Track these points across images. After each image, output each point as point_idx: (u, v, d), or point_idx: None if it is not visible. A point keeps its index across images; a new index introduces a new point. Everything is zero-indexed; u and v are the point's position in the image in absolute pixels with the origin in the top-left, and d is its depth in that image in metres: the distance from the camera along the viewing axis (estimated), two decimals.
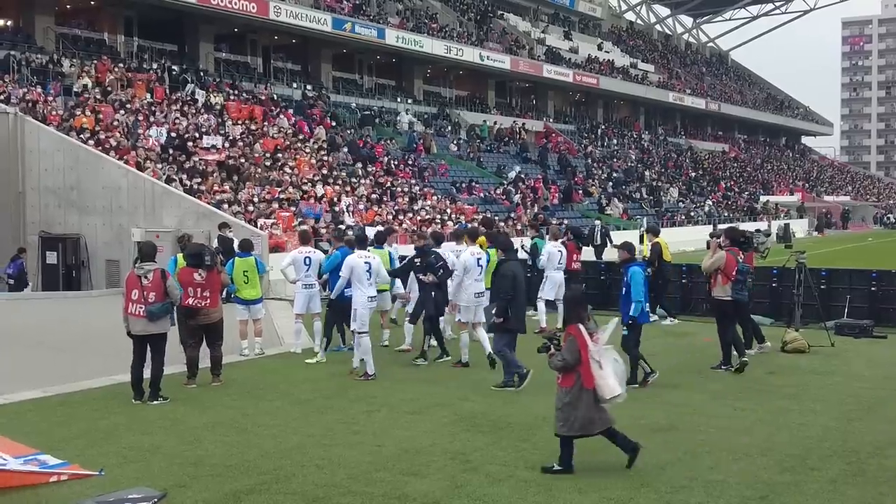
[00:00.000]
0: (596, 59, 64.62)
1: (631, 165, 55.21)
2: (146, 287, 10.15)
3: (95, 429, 9.08)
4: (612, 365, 7.60)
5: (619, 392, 7.57)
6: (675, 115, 74.42)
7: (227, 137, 29.93)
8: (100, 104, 27.65)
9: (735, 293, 11.74)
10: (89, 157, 23.05)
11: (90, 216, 22.76)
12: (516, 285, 10.81)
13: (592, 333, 7.59)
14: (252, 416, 9.59)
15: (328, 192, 29.02)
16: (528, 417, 9.49)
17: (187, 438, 8.67)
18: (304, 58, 45.75)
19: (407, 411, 9.82)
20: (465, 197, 36.43)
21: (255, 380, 11.66)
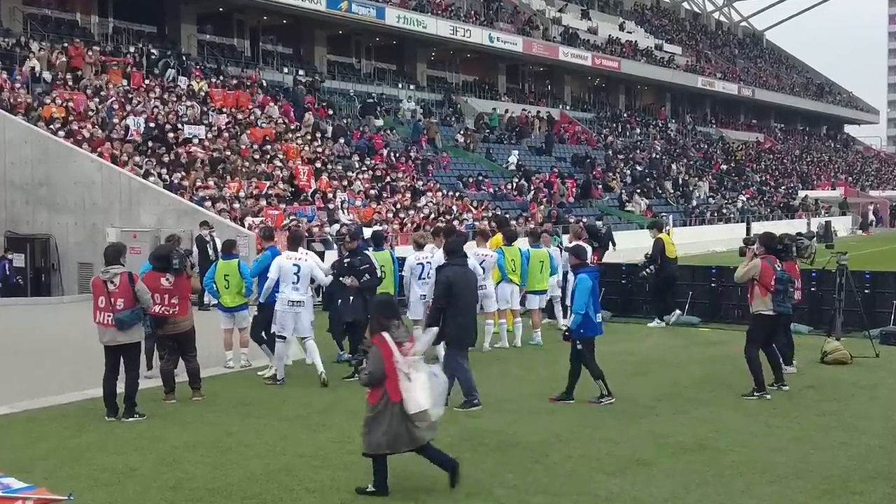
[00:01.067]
0: (617, 41, 64.58)
1: (656, 157, 55.15)
2: (113, 293, 10.13)
3: (65, 448, 9.08)
4: (427, 379, 7.57)
5: (425, 407, 7.50)
6: (704, 101, 74.34)
7: (212, 128, 29.98)
8: (72, 91, 27.71)
9: (777, 305, 11.58)
10: (60, 149, 23.08)
11: (61, 214, 22.78)
12: (453, 293, 10.55)
13: (401, 343, 7.59)
14: (237, 435, 9.58)
15: (323, 185, 29.04)
16: (541, 435, 9.47)
17: (165, 459, 8.67)
18: (296, 40, 45.82)
19: None
20: (473, 192, 36.45)
21: (241, 394, 11.65)
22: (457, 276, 10.71)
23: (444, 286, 10.67)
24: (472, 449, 9.02)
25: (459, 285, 10.66)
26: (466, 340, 10.86)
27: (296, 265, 12.23)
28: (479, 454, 8.87)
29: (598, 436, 9.50)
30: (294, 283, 12.18)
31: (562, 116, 55.67)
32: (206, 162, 27.26)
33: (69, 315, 18.57)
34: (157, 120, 28.37)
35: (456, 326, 10.58)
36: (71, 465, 8.47)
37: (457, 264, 10.96)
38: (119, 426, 10.00)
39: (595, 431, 9.68)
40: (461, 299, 10.64)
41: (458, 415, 10.35)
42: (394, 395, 7.52)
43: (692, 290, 18.57)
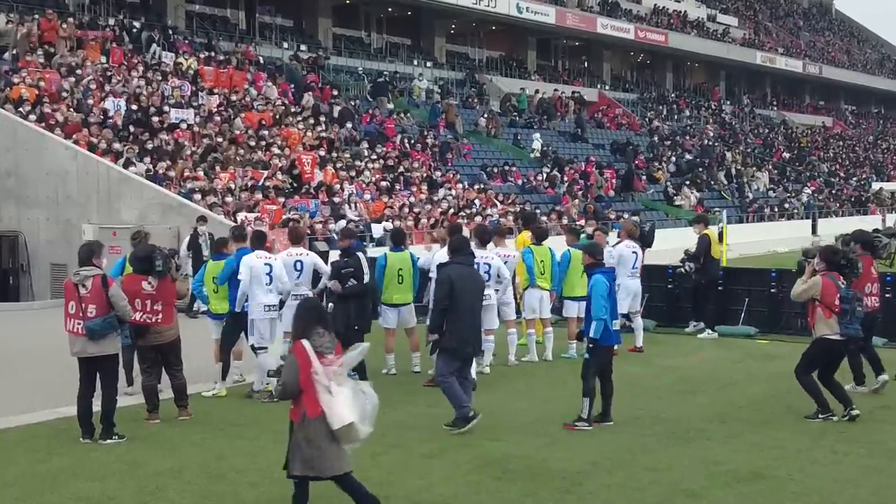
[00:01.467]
0: (664, 11, 64.41)
1: (708, 144, 54.97)
2: (84, 298, 10.18)
3: (34, 474, 9.15)
4: (352, 394, 7.63)
5: (349, 421, 7.53)
6: (764, 80, 74.04)
7: (201, 111, 30.10)
8: (43, 69, 27.88)
9: (844, 328, 11.46)
10: (30, 135, 23.26)
11: (31, 209, 22.97)
12: (454, 294, 10.63)
13: (323, 354, 7.65)
14: (228, 459, 9.64)
15: (328, 177, 29.10)
16: (573, 462, 9.47)
17: (148, 487, 8.72)
18: (296, 11, 45.97)
19: (422, 453, 9.85)
20: (498, 184, 36.44)
21: (233, 413, 11.71)
22: (460, 276, 10.77)
23: (446, 285, 10.71)
24: (496, 476, 9.04)
25: (461, 286, 10.68)
26: (463, 350, 10.79)
27: (267, 264, 12.39)
28: (504, 482, 8.89)
29: (639, 463, 9.50)
30: (267, 285, 12.31)
31: (600, 97, 55.56)
32: (195, 150, 27.36)
33: (40, 322, 18.71)
34: (140, 102, 28.49)
35: (454, 332, 10.62)
36: (41, 493, 8.53)
37: (460, 263, 11.01)
38: (95, 449, 10.07)
39: (636, 458, 9.67)
40: (461, 303, 10.65)
41: (481, 439, 10.37)
42: (310, 410, 7.60)
43: (748, 297, 18.48)
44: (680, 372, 14.49)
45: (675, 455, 9.79)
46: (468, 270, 11.01)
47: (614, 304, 11.17)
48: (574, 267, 15.43)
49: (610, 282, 11.07)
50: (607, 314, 10.85)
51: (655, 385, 13.56)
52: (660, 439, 10.41)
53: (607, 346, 11.09)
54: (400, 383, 13.38)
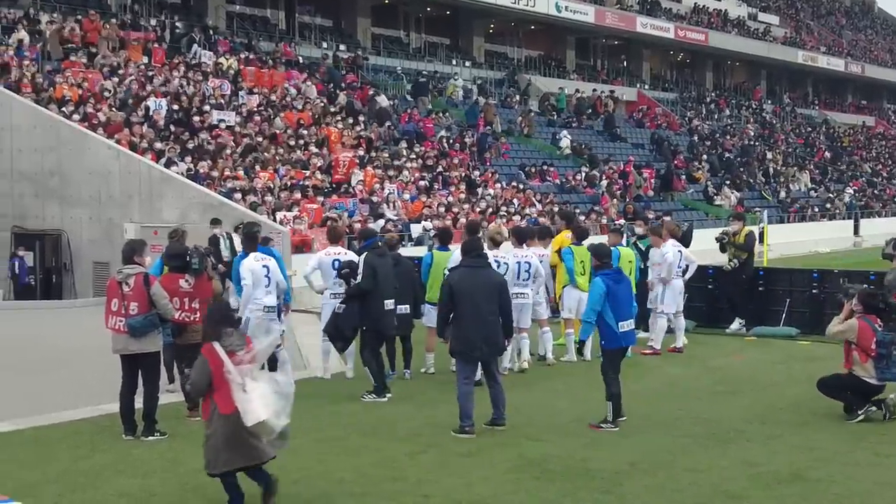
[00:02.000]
0: (704, 10, 64.03)
1: (748, 144, 54.60)
2: (127, 295, 10.28)
3: (76, 471, 9.24)
4: (268, 388, 7.89)
5: (264, 418, 7.75)
6: (805, 79, 73.36)
7: (241, 110, 30.29)
8: (86, 70, 28.17)
9: (881, 372, 11.27)
10: (73, 135, 23.48)
11: (74, 208, 23.19)
12: (455, 298, 10.57)
13: (234, 352, 7.96)
14: None
15: (367, 177, 29.18)
16: (613, 463, 9.45)
17: (189, 484, 8.79)
18: (335, 10, 46.11)
19: (459, 453, 9.85)
20: (537, 184, 36.39)
21: None
22: (462, 280, 10.65)
23: (445, 290, 10.72)
24: (535, 476, 9.04)
25: (464, 290, 10.55)
26: (473, 351, 10.63)
27: (265, 266, 12.51)
28: (543, 482, 8.88)
29: (679, 464, 9.46)
30: (266, 287, 12.42)
31: (639, 96, 55.32)
32: (235, 149, 27.54)
33: (83, 321, 18.87)
34: (181, 102, 28.72)
35: (458, 336, 10.59)
36: (84, 489, 8.62)
37: (468, 266, 10.87)
38: (137, 446, 10.16)
39: (676, 459, 9.63)
40: (466, 306, 10.53)
41: (519, 438, 10.37)
42: (222, 408, 7.88)
43: (790, 298, 18.35)
44: (720, 373, 14.43)
45: (714, 456, 9.73)
46: (472, 273, 10.74)
47: (623, 307, 10.94)
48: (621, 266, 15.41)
49: (613, 283, 10.93)
50: (594, 317, 10.80)
51: (695, 386, 13.50)
52: (700, 440, 10.35)
53: (616, 349, 10.97)
54: (438, 382, 13.41)
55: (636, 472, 9.20)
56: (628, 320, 11.02)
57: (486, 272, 10.89)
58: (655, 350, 15.75)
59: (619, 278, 11.22)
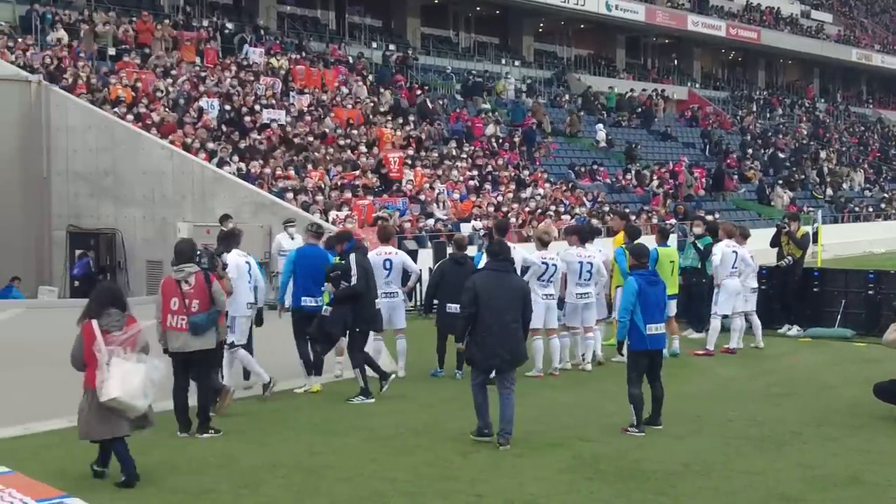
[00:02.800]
0: (756, 7, 63.46)
1: (802, 143, 54.04)
2: (188, 294, 10.40)
3: None
4: (131, 369, 8.56)
5: (114, 396, 8.42)
6: (859, 77, 72.47)
7: (292, 110, 30.48)
8: (139, 71, 28.47)
9: None
10: (127, 135, 23.73)
11: (128, 207, 23.44)
12: (479, 303, 10.06)
13: (108, 332, 8.63)
14: (321, 455, 9.75)
15: (417, 176, 29.24)
16: (667, 464, 9.40)
17: (244, 481, 8.87)
18: (385, 10, 46.24)
19: (513, 453, 9.84)
20: (587, 183, 36.25)
21: (325, 410, 11.84)
22: (487, 284, 10.19)
23: (469, 294, 10.19)
24: (588, 477, 9.02)
25: (488, 295, 10.08)
26: (493, 361, 10.13)
27: (247, 262, 12.53)
28: (596, 482, 8.87)
29: (734, 466, 9.39)
30: (249, 282, 12.42)
31: (690, 95, 54.94)
32: (286, 149, 27.72)
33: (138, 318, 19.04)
34: (233, 102, 28.95)
35: (478, 343, 10.11)
36: (140, 486, 8.71)
37: (494, 269, 10.45)
38: (192, 443, 10.26)
39: (731, 461, 9.56)
40: (489, 311, 10.05)
41: (571, 439, 10.35)
42: (89, 383, 8.64)
43: (845, 299, 18.13)
44: (774, 374, 14.31)
45: (770, 458, 9.65)
46: (498, 277, 10.36)
47: (653, 309, 10.75)
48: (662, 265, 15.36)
49: (645, 284, 10.79)
50: (627, 316, 10.67)
51: (749, 387, 13.40)
52: (754, 442, 10.27)
53: (642, 351, 10.78)
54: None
55: (690, 473, 9.15)
56: (657, 323, 10.82)
57: (510, 277, 10.56)
58: (708, 351, 15.64)
59: (653, 280, 11.06)
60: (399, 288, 13.95)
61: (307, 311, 12.76)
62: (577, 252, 14.25)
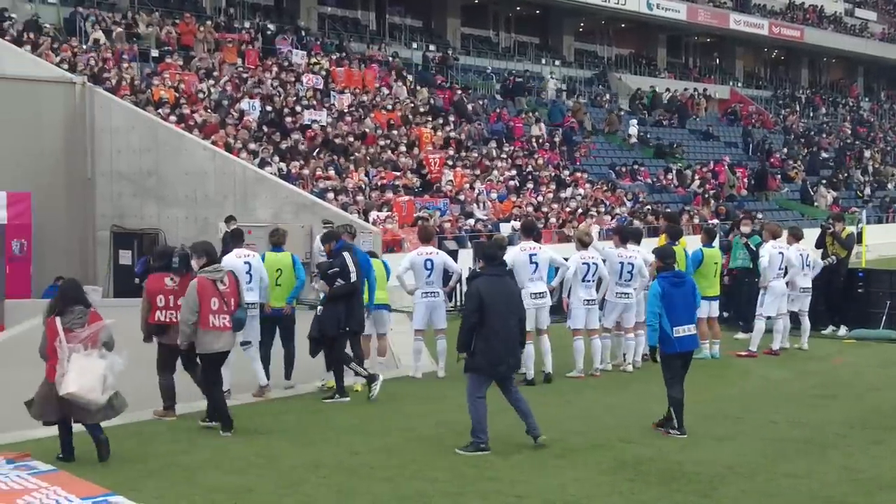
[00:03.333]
0: (800, 6, 62.91)
1: (846, 142, 53.50)
2: (225, 293, 10.63)
3: (176, 465, 9.42)
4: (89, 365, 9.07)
5: (72, 391, 8.98)
6: None
7: (333, 111, 30.59)
8: (182, 72, 28.70)
9: None
10: (170, 136, 23.89)
11: (171, 207, 23.59)
12: (484, 309, 9.83)
13: (70, 329, 9.16)
14: (362, 455, 9.77)
15: (457, 177, 29.26)
16: (709, 466, 9.34)
17: (285, 480, 8.91)
18: (426, 11, 46.30)
19: (554, 454, 9.82)
20: (627, 183, 36.10)
21: (366, 410, 11.87)
22: (490, 290, 9.97)
23: (474, 300, 9.91)
24: (629, 479, 8.97)
25: (493, 300, 9.90)
26: (500, 367, 9.98)
27: (247, 263, 12.47)
28: (638, 484, 8.82)
29: (778, 469, 9.30)
30: (247, 283, 12.32)
31: (732, 94, 54.56)
32: (326, 149, 27.83)
33: None
34: (274, 103, 29.11)
35: (485, 350, 9.84)
36: (183, 485, 8.77)
37: (493, 274, 10.26)
38: (234, 442, 10.31)
39: (775, 464, 9.47)
40: (495, 317, 9.85)
41: (612, 440, 10.30)
42: (49, 376, 9.22)
43: (890, 300, 17.92)
44: (818, 376, 14.17)
45: (814, 461, 9.56)
46: (501, 281, 10.24)
47: (679, 311, 10.57)
48: (707, 266, 15.27)
49: (670, 286, 10.64)
50: (655, 319, 10.55)
51: (793, 389, 13.28)
52: (798, 445, 10.18)
53: (673, 354, 10.65)
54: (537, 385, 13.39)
55: (733, 476, 9.07)
56: (685, 325, 10.62)
57: (507, 281, 10.45)
58: (751, 352, 15.51)
59: (678, 281, 10.86)
60: (440, 288, 13.98)
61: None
62: (619, 252, 14.20)
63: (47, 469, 8.82)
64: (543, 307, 13.41)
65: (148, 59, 29.63)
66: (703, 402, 12.09)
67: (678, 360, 10.69)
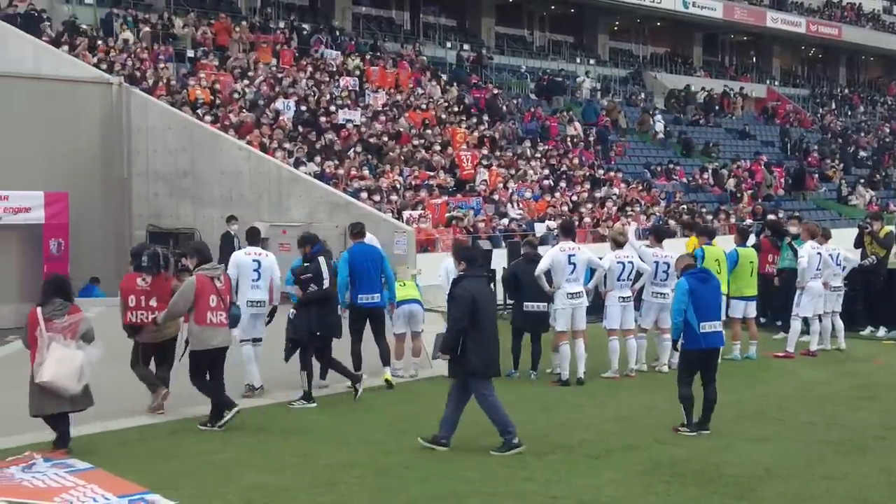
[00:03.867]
0: (837, 3, 62.36)
1: (884, 141, 52.99)
2: (222, 291, 10.88)
3: (210, 464, 9.46)
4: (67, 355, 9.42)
5: (46, 380, 9.34)
6: None
7: (367, 111, 30.65)
8: (217, 72, 28.86)
9: None
10: (205, 136, 24.02)
11: (206, 207, 23.71)
12: (476, 310, 9.78)
13: (51, 319, 9.53)
14: (396, 455, 9.77)
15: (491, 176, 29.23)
16: (747, 468, 9.27)
17: (320, 479, 8.92)
18: (460, 10, 46.31)
19: (588, 454, 9.79)
20: (663, 183, 35.92)
21: (399, 410, 11.90)
22: (479, 291, 9.96)
23: (466, 302, 9.77)
24: (666, 480, 8.92)
25: (482, 302, 9.89)
26: (492, 368, 10.05)
27: (255, 261, 12.56)
28: (674, 486, 8.76)
29: (816, 471, 9.23)
30: (254, 281, 12.45)
31: (769, 93, 54.18)
32: (361, 149, 27.88)
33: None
34: (309, 103, 29.20)
35: (479, 352, 9.82)
36: (218, 483, 8.81)
37: (478, 276, 10.31)
38: (269, 440, 10.35)
39: (812, 466, 9.40)
40: (485, 319, 9.88)
41: (648, 441, 10.25)
42: (31, 364, 9.52)
43: None
44: (857, 377, 14.04)
45: (852, 464, 9.47)
46: (484, 284, 10.33)
47: (706, 308, 10.63)
48: (742, 267, 15.16)
49: (696, 283, 10.70)
50: (680, 316, 10.58)
51: (831, 390, 13.16)
52: (836, 447, 10.09)
53: (695, 350, 10.65)
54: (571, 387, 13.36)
55: (771, 477, 9.00)
56: (712, 321, 10.66)
57: (486, 283, 10.56)
58: (788, 353, 15.39)
59: (705, 278, 10.96)
60: None
61: (364, 308, 13.00)
62: (654, 251, 14.14)
63: (84, 467, 8.90)
64: (580, 307, 13.38)
65: (184, 59, 29.81)
66: (741, 404, 12.02)
67: (699, 356, 10.66)
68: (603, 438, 10.37)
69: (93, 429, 10.66)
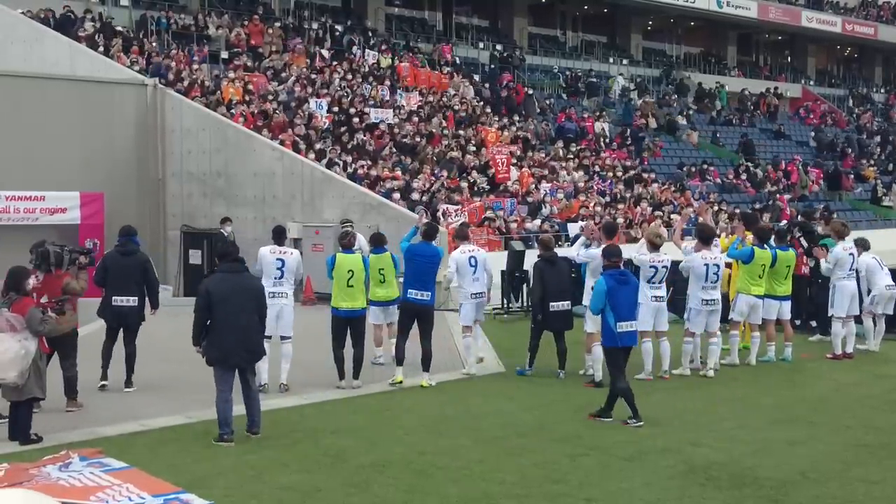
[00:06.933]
0: (873, 2, 61.83)
1: None
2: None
3: (244, 464, 9.49)
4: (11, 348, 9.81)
5: None
6: None
7: (400, 111, 30.69)
8: (251, 73, 28.99)
9: None
10: (239, 136, 24.16)
11: (239, 208, 23.85)
12: (212, 305, 10.31)
13: None
14: (429, 456, 9.78)
15: (524, 177, 29.20)
16: (781, 471, 9.22)
17: (353, 480, 8.95)
18: (493, 11, 46.29)
19: (621, 457, 9.76)
20: (696, 184, 35.72)
21: (433, 411, 11.88)
22: (222, 285, 10.44)
23: (203, 296, 10.40)
24: (700, 483, 8.89)
25: (223, 295, 10.33)
26: (230, 359, 10.47)
27: (280, 259, 13.00)
28: (708, 489, 8.74)
29: (851, 474, 9.17)
30: (276, 278, 12.83)
31: (804, 93, 53.79)
32: (393, 149, 27.92)
33: None
34: (342, 103, 29.27)
35: (216, 342, 10.42)
36: (251, 483, 8.86)
37: (225, 270, 10.66)
38: (302, 441, 10.38)
39: (847, 469, 9.33)
40: (225, 311, 10.33)
41: (682, 444, 10.20)
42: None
43: None
44: (892, 380, 13.91)
45: (890, 467, 9.39)
46: (234, 278, 10.58)
47: (623, 308, 11.15)
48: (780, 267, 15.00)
49: (615, 283, 11.15)
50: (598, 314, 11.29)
51: (866, 393, 13.04)
52: (873, 450, 10.01)
53: (612, 347, 11.19)
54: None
55: (805, 481, 8.95)
56: (628, 321, 11.18)
57: (242, 277, 10.86)
58: (836, 355, 15.26)
59: (624, 280, 11.36)
60: (484, 287, 14.22)
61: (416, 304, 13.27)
62: (702, 254, 13.98)
63: (120, 466, 8.97)
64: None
65: (217, 60, 29.96)
66: (775, 406, 11.96)
67: (620, 353, 11.25)
68: (637, 440, 10.34)
69: (129, 428, 10.75)
